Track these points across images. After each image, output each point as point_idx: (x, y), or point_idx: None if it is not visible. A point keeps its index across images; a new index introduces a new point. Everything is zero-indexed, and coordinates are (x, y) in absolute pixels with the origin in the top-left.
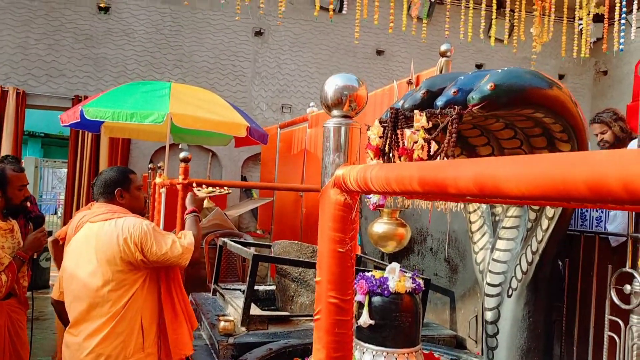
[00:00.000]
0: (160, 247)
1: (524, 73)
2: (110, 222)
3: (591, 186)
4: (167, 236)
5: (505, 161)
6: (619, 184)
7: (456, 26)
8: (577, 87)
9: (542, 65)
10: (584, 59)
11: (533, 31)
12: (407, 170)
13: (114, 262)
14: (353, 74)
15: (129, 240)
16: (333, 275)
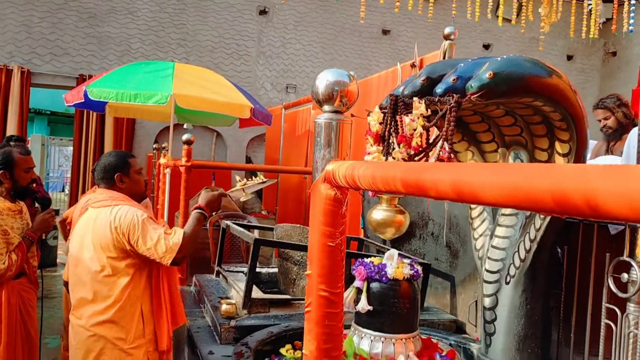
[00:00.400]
0: (145, 241)
1: (524, 61)
2: (107, 209)
3: (556, 199)
4: (155, 232)
5: (481, 169)
6: (581, 199)
7: (463, 5)
8: (585, 68)
9: (550, 46)
10: (592, 40)
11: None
12: (392, 171)
13: (107, 248)
14: (344, 70)
15: (118, 229)
16: (323, 269)
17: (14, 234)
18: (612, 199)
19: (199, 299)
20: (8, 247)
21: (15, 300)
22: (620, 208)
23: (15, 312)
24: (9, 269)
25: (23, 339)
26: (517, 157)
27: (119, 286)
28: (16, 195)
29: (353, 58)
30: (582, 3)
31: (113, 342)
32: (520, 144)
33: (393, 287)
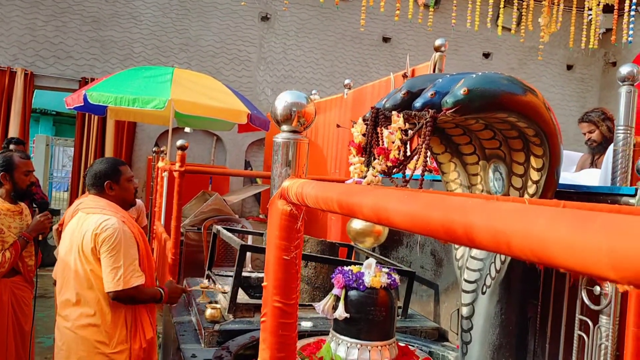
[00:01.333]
0: (108, 259)
1: (499, 79)
2: (95, 217)
3: (445, 229)
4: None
5: (393, 196)
6: (462, 231)
7: (463, 14)
8: (585, 78)
9: (550, 55)
10: (592, 50)
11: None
12: (330, 192)
13: (89, 254)
14: (302, 92)
15: (97, 237)
16: (278, 281)
17: (9, 233)
18: (482, 232)
19: (188, 302)
20: (3, 245)
21: (8, 298)
22: (487, 240)
23: (8, 309)
24: (2, 266)
25: (16, 334)
26: (497, 169)
27: (102, 291)
28: (16, 196)
29: (353, 65)
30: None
31: (96, 346)
32: (499, 157)
33: (370, 295)
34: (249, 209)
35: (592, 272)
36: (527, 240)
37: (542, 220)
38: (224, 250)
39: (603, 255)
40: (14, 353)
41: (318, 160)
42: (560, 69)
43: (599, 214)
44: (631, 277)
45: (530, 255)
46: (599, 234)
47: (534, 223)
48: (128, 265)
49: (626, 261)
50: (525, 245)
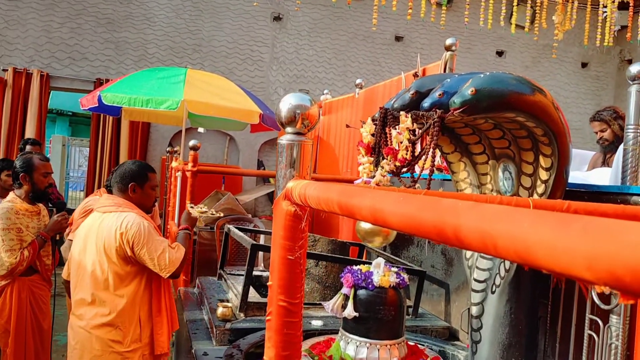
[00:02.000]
0: (150, 251)
1: (508, 79)
2: (113, 215)
3: (437, 231)
4: (160, 244)
5: (389, 198)
6: (451, 232)
7: (476, 12)
8: (600, 76)
9: (564, 53)
10: (608, 47)
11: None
12: (331, 193)
13: (110, 253)
14: (306, 94)
15: (124, 236)
16: (282, 280)
17: (27, 232)
18: (470, 233)
19: (200, 301)
20: (21, 244)
21: (26, 295)
22: (475, 241)
23: (26, 306)
24: (20, 264)
25: (35, 332)
26: (506, 169)
27: (119, 291)
28: (34, 197)
29: (365, 64)
30: (597, 10)
31: (110, 345)
32: (508, 157)
33: (379, 295)
34: (262, 208)
35: (570, 273)
36: (511, 242)
37: (526, 222)
38: (236, 250)
39: (580, 257)
40: (33, 350)
41: (330, 159)
42: (575, 67)
43: (581, 217)
44: (606, 278)
45: (515, 256)
46: (578, 236)
47: (519, 225)
48: (166, 246)
49: (601, 263)
50: (510, 246)
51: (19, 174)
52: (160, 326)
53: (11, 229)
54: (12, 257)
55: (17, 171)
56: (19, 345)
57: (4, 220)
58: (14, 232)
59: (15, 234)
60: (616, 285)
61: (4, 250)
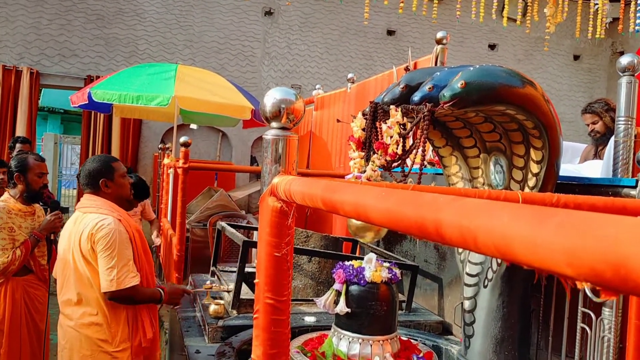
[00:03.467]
0: (104, 258)
1: (497, 71)
2: (91, 216)
3: (418, 226)
4: (117, 259)
5: (370, 193)
6: (432, 227)
7: (468, 6)
8: (592, 68)
9: (556, 46)
10: (600, 40)
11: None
12: (315, 189)
13: (86, 254)
14: (290, 88)
15: (92, 237)
16: (269, 278)
17: (20, 232)
18: (450, 228)
19: (193, 298)
20: (14, 244)
21: (20, 295)
22: (455, 237)
23: (20, 307)
24: (12, 263)
25: (31, 332)
26: (497, 162)
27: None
28: (29, 197)
29: (358, 59)
30: (589, 3)
31: (99, 345)
32: (500, 150)
33: (371, 290)
34: (256, 204)
35: (551, 269)
36: (491, 237)
37: (505, 216)
38: (229, 246)
39: (560, 253)
40: (29, 350)
41: (323, 155)
42: (567, 60)
43: (559, 211)
44: (587, 274)
45: (495, 251)
46: (557, 231)
47: (498, 219)
48: (122, 266)
49: (581, 258)
50: (489, 241)
51: (14, 174)
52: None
53: (3, 228)
54: (4, 256)
55: (11, 171)
56: (14, 346)
57: None
58: (5, 232)
59: (7, 233)
60: (597, 281)
61: None
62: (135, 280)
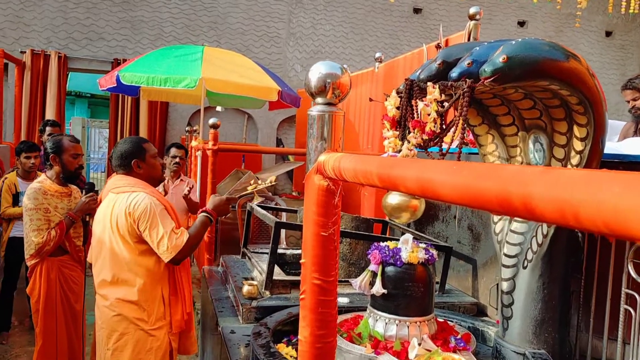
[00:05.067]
0: (151, 234)
1: (540, 45)
2: (125, 195)
3: (500, 201)
4: (163, 228)
5: (440, 167)
6: (519, 202)
7: None
8: (625, 45)
9: (588, 22)
10: (633, 15)
11: None
12: (369, 165)
13: (124, 233)
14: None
15: (131, 215)
16: (316, 258)
17: (55, 213)
18: (543, 203)
19: (225, 279)
20: (49, 224)
21: (55, 275)
22: (550, 212)
23: (55, 287)
24: (47, 244)
25: (66, 312)
26: (537, 140)
27: (138, 269)
28: (65, 179)
29: (384, 38)
30: None
31: (135, 323)
32: (539, 128)
33: (408, 271)
34: (282, 186)
35: None
36: (598, 211)
37: (616, 187)
38: (258, 228)
39: None
40: (65, 331)
41: (350, 135)
42: (599, 36)
43: None
44: None
45: (603, 227)
46: None
47: (607, 191)
48: (170, 232)
49: None
50: (596, 216)
51: (49, 155)
52: (175, 305)
53: (38, 209)
54: (39, 236)
55: (47, 152)
56: (49, 325)
57: (31, 200)
58: (41, 212)
59: (42, 214)
60: None
61: (31, 230)
62: (183, 237)
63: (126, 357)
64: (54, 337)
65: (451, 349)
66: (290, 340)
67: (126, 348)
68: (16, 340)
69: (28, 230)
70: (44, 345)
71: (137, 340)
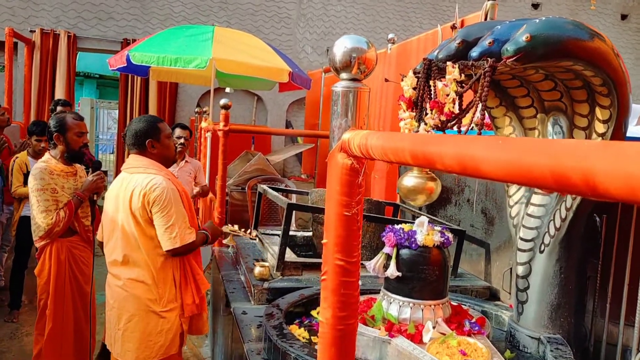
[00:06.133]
0: (163, 218)
1: (564, 23)
2: (140, 176)
3: (555, 177)
4: (176, 216)
5: (484, 142)
6: (579, 178)
7: None
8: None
9: (603, 5)
10: None
11: None
12: (401, 142)
13: (136, 214)
14: (362, 37)
15: (146, 196)
16: (339, 238)
17: (62, 193)
18: (609, 178)
19: (236, 261)
20: (57, 205)
21: (65, 257)
22: (617, 188)
23: (65, 268)
24: (57, 225)
25: (75, 293)
26: (556, 123)
27: (150, 251)
28: (69, 158)
29: (395, 19)
30: None
31: (147, 304)
32: (559, 110)
33: (423, 254)
34: (291, 169)
35: None
36: None
37: None
38: (267, 210)
39: None
40: (72, 311)
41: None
42: (614, 19)
43: None
44: None
45: None
46: None
47: None
48: (181, 222)
49: None
50: None
51: (53, 134)
52: (185, 288)
53: (45, 189)
54: (48, 217)
55: (50, 131)
56: (58, 306)
57: (38, 180)
58: (48, 193)
59: (50, 194)
60: None
61: (39, 211)
62: (192, 236)
63: (136, 338)
64: (61, 319)
65: (465, 333)
66: (302, 321)
67: (136, 329)
68: (26, 318)
69: (36, 211)
70: (53, 328)
71: (147, 321)
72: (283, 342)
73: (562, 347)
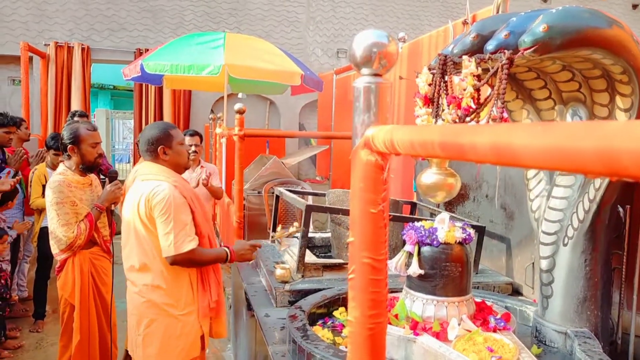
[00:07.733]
0: (162, 225)
1: (581, 12)
2: (150, 183)
3: (604, 161)
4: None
5: (522, 130)
6: (632, 160)
7: None
8: None
9: None
10: None
11: None
12: (430, 134)
13: (145, 221)
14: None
15: (149, 202)
16: (366, 236)
17: (82, 205)
18: None
19: (255, 264)
20: (77, 217)
21: (88, 268)
22: None
23: (88, 279)
24: (78, 237)
25: (97, 304)
26: (575, 114)
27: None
28: (85, 169)
29: (404, 19)
30: None
31: (164, 309)
32: (578, 100)
33: (445, 251)
34: (305, 171)
35: None
36: None
37: None
38: (284, 212)
39: None
40: (96, 322)
41: None
42: (625, 9)
43: None
44: None
45: None
46: None
47: None
48: (179, 231)
49: None
50: None
51: (67, 146)
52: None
53: (65, 202)
54: (69, 231)
55: (64, 143)
56: (84, 319)
57: (57, 194)
58: (68, 206)
59: (69, 207)
60: None
61: (59, 225)
62: (192, 244)
63: (156, 343)
64: (87, 331)
65: (491, 329)
66: (325, 322)
67: (156, 334)
68: (51, 328)
69: (56, 225)
70: (81, 342)
71: (166, 325)
72: (308, 344)
73: (590, 341)
